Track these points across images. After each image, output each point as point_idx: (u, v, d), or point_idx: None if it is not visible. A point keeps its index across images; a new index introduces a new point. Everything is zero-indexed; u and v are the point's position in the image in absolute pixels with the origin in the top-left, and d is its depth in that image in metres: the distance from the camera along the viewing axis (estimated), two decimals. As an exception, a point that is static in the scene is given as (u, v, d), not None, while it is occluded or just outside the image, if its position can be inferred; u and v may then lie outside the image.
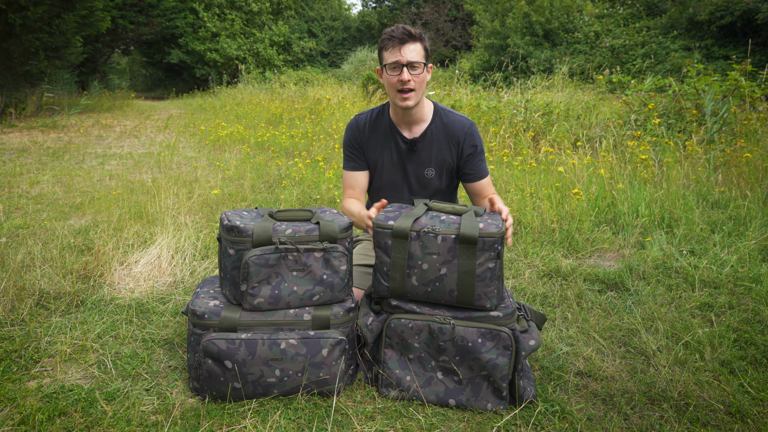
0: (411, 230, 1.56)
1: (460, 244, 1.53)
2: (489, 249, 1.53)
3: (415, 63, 1.83)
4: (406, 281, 1.58)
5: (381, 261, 1.61)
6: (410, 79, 1.84)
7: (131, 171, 5.04)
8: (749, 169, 3.73)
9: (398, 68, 1.84)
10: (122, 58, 25.15)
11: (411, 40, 1.83)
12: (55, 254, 2.62)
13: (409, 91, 1.86)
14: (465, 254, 1.53)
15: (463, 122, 1.98)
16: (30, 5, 8.49)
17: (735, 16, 11.03)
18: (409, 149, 1.98)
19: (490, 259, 1.54)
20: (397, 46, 1.84)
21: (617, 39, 12.65)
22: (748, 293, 2.27)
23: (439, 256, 1.54)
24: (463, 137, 1.96)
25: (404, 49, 1.83)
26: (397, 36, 1.83)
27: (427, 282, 1.56)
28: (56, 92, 11.25)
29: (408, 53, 1.83)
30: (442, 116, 1.99)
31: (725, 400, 1.57)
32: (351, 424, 1.47)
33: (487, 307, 1.57)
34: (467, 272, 1.54)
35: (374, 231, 1.61)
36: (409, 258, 1.56)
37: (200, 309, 1.58)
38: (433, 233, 1.54)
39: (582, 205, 3.29)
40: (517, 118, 5.58)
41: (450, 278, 1.55)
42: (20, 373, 1.69)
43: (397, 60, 1.83)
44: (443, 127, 1.98)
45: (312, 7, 23.84)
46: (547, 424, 1.48)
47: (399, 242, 1.56)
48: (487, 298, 1.56)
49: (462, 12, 18.97)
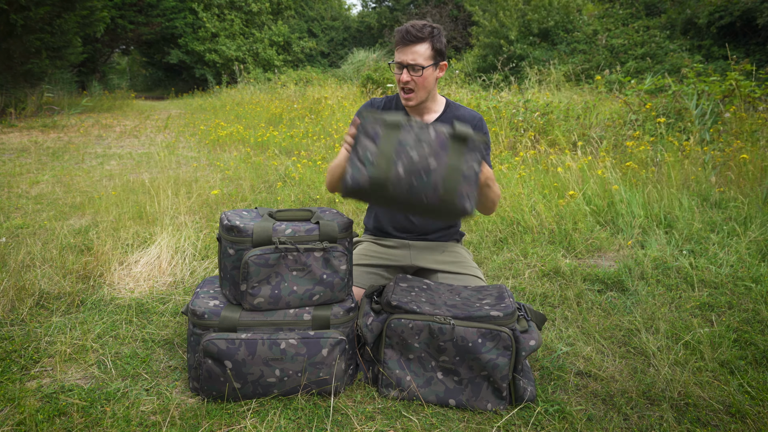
0: (405, 123, 1.55)
1: (452, 141, 1.54)
2: (476, 150, 1.55)
3: (416, 65, 1.83)
4: (391, 169, 1.51)
5: (365, 148, 1.53)
6: (409, 80, 1.85)
7: (131, 171, 5.04)
8: (747, 169, 3.73)
9: (400, 68, 1.86)
10: (122, 58, 25.14)
11: (416, 41, 1.82)
12: (54, 254, 2.62)
13: (410, 91, 1.88)
14: (455, 151, 1.54)
15: (474, 114, 2.01)
16: (32, 5, 8.50)
17: (734, 16, 11.03)
18: None
19: (476, 160, 1.55)
20: (399, 45, 1.85)
21: (616, 39, 12.65)
22: (748, 293, 2.27)
23: (430, 147, 1.53)
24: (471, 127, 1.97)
25: (407, 50, 1.84)
26: (402, 35, 1.83)
27: (414, 173, 1.51)
28: (56, 92, 11.24)
29: (409, 55, 1.83)
30: (453, 110, 2.02)
31: (725, 400, 1.57)
32: (351, 424, 1.47)
33: (467, 209, 1.54)
34: (455, 168, 1.53)
35: (362, 118, 1.56)
36: (400, 146, 1.53)
37: (200, 309, 1.58)
38: (426, 125, 1.55)
39: (581, 206, 3.29)
40: (517, 118, 5.58)
41: (438, 172, 1.52)
42: (20, 373, 1.69)
43: (400, 60, 1.85)
44: (453, 118, 1.99)
45: (312, 7, 23.84)
46: (547, 424, 1.48)
47: (391, 131, 1.54)
48: (468, 199, 1.54)
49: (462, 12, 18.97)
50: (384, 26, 21.54)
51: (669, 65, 10.79)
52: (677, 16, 12.62)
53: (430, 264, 2.08)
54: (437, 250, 2.12)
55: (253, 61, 20.40)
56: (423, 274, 2.10)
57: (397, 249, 2.14)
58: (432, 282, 1.84)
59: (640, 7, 14.17)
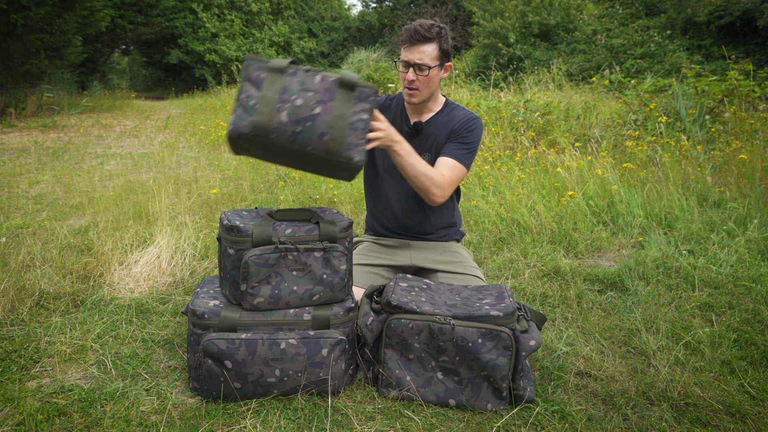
0: (289, 65, 1.52)
1: (338, 87, 1.51)
2: (364, 99, 1.53)
3: (423, 65, 1.85)
4: (274, 116, 1.49)
5: (248, 95, 1.50)
6: (415, 80, 1.87)
7: (131, 171, 5.04)
8: (747, 170, 3.73)
9: (406, 67, 1.88)
10: (122, 58, 25.15)
11: (423, 41, 1.84)
12: (54, 254, 2.62)
13: (415, 89, 1.90)
14: (341, 98, 1.51)
15: (467, 114, 2.01)
16: (32, 5, 8.50)
17: (734, 16, 11.03)
18: (412, 133, 2.01)
19: (364, 110, 1.54)
20: (407, 44, 1.87)
21: (616, 38, 12.66)
22: (748, 293, 2.28)
23: (315, 93, 1.50)
24: (459, 125, 1.98)
25: (414, 49, 1.86)
26: (410, 34, 1.85)
27: (298, 120, 1.49)
28: (56, 92, 11.24)
29: (416, 54, 1.85)
30: (450, 109, 2.03)
31: (725, 400, 1.57)
32: (351, 424, 1.47)
33: (355, 160, 1.53)
34: (341, 116, 1.50)
35: (247, 63, 1.52)
36: (283, 92, 1.49)
37: (200, 309, 1.58)
38: (314, 71, 1.52)
39: (581, 206, 3.29)
40: (517, 118, 5.58)
41: (323, 119, 1.49)
42: (20, 373, 1.69)
43: (407, 59, 1.87)
44: (447, 117, 2.01)
45: (312, 7, 23.85)
46: (547, 424, 1.48)
47: (274, 76, 1.50)
48: (356, 149, 1.53)
49: (462, 12, 18.97)
50: (384, 26, 21.54)
51: (669, 65, 10.79)
52: (677, 16, 12.63)
53: (430, 264, 2.08)
54: (437, 250, 2.12)
55: (253, 62, 20.37)
56: (423, 273, 2.10)
57: (397, 249, 2.14)
58: (432, 282, 1.84)
59: (640, 7, 14.18)
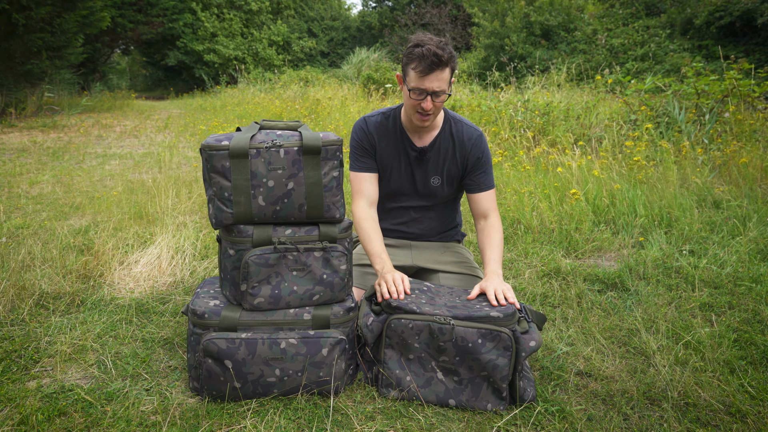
0: (250, 147, 1.49)
1: (304, 156, 1.51)
2: (332, 158, 1.54)
3: (440, 92, 1.76)
4: (251, 203, 1.51)
5: (220, 187, 1.50)
6: (431, 107, 1.79)
7: (131, 171, 5.04)
8: (747, 170, 3.73)
9: (422, 94, 1.76)
10: (122, 58, 25.16)
11: (440, 67, 1.72)
12: (55, 254, 2.62)
13: (429, 115, 1.83)
14: (310, 165, 1.51)
15: (472, 133, 1.96)
16: (33, 5, 8.50)
17: (734, 16, 11.03)
18: (418, 157, 1.97)
19: (333, 168, 1.55)
20: (425, 72, 1.73)
21: (616, 38, 12.66)
22: (748, 293, 2.27)
23: (284, 170, 1.50)
24: (470, 147, 1.95)
25: (431, 77, 1.73)
26: (426, 61, 1.71)
27: (275, 200, 1.52)
28: (56, 92, 11.25)
29: (435, 82, 1.74)
30: (452, 125, 1.98)
31: (725, 400, 1.57)
32: (351, 424, 1.47)
33: (336, 217, 1.57)
34: (314, 183, 1.52)
35: (208, 155, 1.50)
36: (253, 177, 1.49)
37: (200, 309, 1.58)
38: (275, 147, 1.49)
39: (581, 205, 3.29)
40: (517, 118, 5.58)
41: (298, 192, 1.52)
42: (20, 373, 1.69)
43: (423, 88, 1.75)
44: (452, 137, 1.96)
45: (312, 7, 23.85)
46: (547, 424, 1.48)
47: (238, 162, 1.48)
48: (336, 207, 1.57)
49: (462, 12, 18.97)
50: (384, 26, 21.53)
51: (669, 65, 10.79)
52: (677, 16, 12.62)
53: (431, 264, 2.08)
54: (438, 250, 2.12)
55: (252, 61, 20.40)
56: (424, 274, 2.10)
57: (398, 249, 2.13)
58: (432, 284, 1.84)
59: (640, 7, 14.18)
